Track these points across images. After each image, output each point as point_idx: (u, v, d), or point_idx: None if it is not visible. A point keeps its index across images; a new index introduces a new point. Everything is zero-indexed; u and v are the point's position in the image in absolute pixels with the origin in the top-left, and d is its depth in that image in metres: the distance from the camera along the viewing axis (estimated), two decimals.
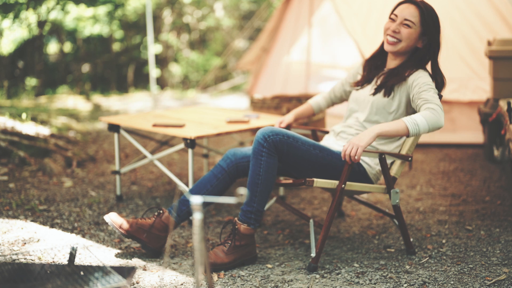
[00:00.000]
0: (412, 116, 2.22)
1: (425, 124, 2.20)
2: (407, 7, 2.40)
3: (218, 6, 11.94)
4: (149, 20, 6.92)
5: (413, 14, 2.37)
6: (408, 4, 2.40)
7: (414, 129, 2.20)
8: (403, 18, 2.38)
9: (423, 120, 2.20)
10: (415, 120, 2.20)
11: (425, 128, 2.21)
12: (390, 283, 2.19)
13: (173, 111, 3.57)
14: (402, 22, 2.38)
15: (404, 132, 2.21)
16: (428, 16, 2.37)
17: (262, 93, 6.53)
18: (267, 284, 2.19)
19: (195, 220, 1.39)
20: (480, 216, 3.02)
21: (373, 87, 2.50)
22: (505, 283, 2.18)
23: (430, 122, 2.21)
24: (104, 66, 11.24)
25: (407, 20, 2.37)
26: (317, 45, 6.56)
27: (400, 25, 2.39)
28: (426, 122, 2.20)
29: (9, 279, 1.69)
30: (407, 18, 2.37)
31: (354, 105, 2.55)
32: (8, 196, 3.33)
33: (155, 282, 2.18)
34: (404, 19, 2.38)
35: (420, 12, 2.37)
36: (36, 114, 5.72)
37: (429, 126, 2.21)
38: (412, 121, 2.20)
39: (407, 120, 2.21)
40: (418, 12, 2.37)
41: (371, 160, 2.46)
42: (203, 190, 2.46)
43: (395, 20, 2.41)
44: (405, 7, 2.40)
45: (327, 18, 6.53)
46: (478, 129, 4.58)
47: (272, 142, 2.29)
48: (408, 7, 2.39)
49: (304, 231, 2.83)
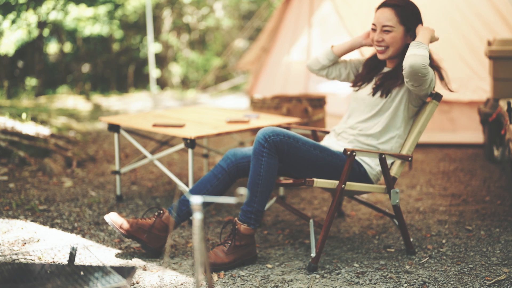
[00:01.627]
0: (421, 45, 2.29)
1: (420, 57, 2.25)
2: (381, 12, 2.40)
3: (218, 6, 11.94)
4: (149, 20, 6.92)
5: (388, 18, 2.38)
6: (382, 9, 2.41)
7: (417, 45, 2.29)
8: (381, 25, 2.40)
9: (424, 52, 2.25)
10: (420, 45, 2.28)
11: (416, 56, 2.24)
12: (390, 283, 2.20)
13: (173, 111, 3.57)
14: (381, 29, 2.40)
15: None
16: (404, 12, 2.38)
17: (262, 93, 6.53)
18: (267, 284, 2.19)
19: (195, 220, 1.39)
20: (480, 216, 3.02)
21: (371, 87, 2.50)
22: (505, 283, 2.18)
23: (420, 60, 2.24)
24: (104, 66, 11.24)
25: (385, 26, 2.39)
26: (317, 45, 6.55)
27: (381, 33, 2.40)
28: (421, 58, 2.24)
29: (9, 279, 1.69)
30: (385, 24, 2.39)
31: (355, 104, 2.56)
32: (8, 196, 3.33)
33: (155, 282, 2.18)
34: (382, 26, 2.39)
35: (396, 12, 2.37)
36: (36, 114, 5.72)
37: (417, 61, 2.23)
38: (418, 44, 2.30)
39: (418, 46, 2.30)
40: (393, 13, 2.38)
41: (372, 161, 2.46)
42: (203, 190, 2.46)
43: (376, 29, 2.43)
44: (380, 13, 2.41)
45: (327, 18, 6.53)
46: (478, 129, 4.58)
47: (272, 142, 2.29)
48: (382, 12, 2.40)
49: (304, 231, 2.83)
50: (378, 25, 2.41)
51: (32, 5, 8.10)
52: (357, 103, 2.54)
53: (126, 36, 11.37)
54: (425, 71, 2.24)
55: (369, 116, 2.47)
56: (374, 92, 2.46)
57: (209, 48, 12.29)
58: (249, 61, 7.39)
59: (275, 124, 2.99)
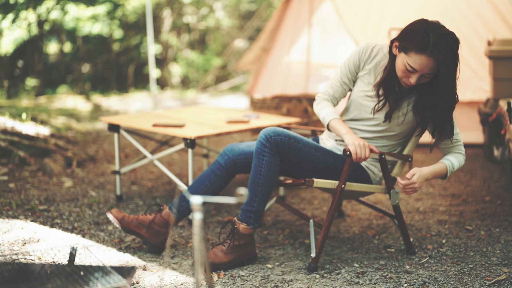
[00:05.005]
0: (452, 162, 2.37)
1: (456, 169, 2.40)
2: (426, 62, 2.14)
3: (218, 6, 11.94)
4: (149, 20, 6.92)
5: (432, 67, 2.16)
6: (427, 58, 2.14)
7: (449, 174, 2.38)
8: (422, 72, 2.17)
9: (457, 165, 2.39)
10: (452, 166, 2.37)
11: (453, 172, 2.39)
12: (390, 283, 2.19)
13: (173, 111, 3.57)
14: (421, 74, 2.19)
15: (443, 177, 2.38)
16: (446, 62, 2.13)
17: (262, 93, 6.53)
18: (267, 284, 2.19)
19: (195, 220, 1.39)
20: (480, 216, 3.02)
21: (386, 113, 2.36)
22: (505, 283, 2.18)
23: (460, 166, 2.40)
24: (104, 66, 11.24)
25: (427, 74, 2.19)
26: (317, 45, 6.55)
27: (419, 78, 2.20)
28: (458, 166, 2.39)
29: (9, 279, 1.69)
30: (427, 72, 2.17)
31: (357, 111, 2.44)
32: (8, 196, 3.33)
33: (155, 282, 2.18)
34: (423, 73, 2.18)
35: (439, 62, 2.13)
36: (36, 114, 5.72)
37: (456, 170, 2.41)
38: (451, 168, 2.36)
39: (448, 167, 2.36)
40: (437, 63, 2.15)
41: (375, 167, 2.46)
42: (202, 186, 2.47)
43: (413, 72, 2.18)
44: (424, 61, 2.14)
45: (327, 18, 6.53)
46: (478, 129, 4.58)
47: (274, 142, 2.29)
48: (427, 62, 2.14)
49: (304, 231, 2.83)
50: (419, 71, 2.17)
51: (32, 4, 8.10)
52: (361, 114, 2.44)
53: (126, 36, 11.37)
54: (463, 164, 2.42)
55: (372, 137, 2.44)
56: (386, 119, 2.36)
57: (209, 48, 12.30)
58: (249, 61, 7.39)
59: (275, 124, 2.99)
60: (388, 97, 2.31)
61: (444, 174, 2.35)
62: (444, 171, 2.35)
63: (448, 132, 2.29)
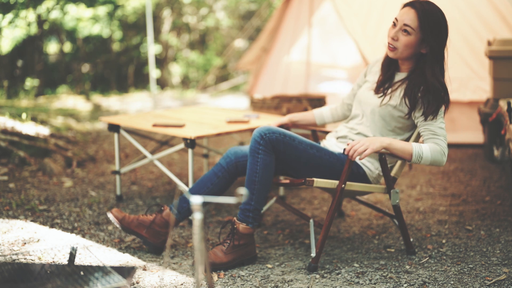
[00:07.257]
0: (421, 147, 2.24)
1: (428, 160, 2.24)
2: (407, 11, 2.28)
3: (218, 6, 11.94)
4: (149, 20, 6.92)
5: (412, 19, 2.26)
6: (409, 8, 2.28)
7: (416, 159, 2.24)
8: (402, 23, 2.28)
9: (429, 155, 2.24)
10: (421, 151, 2.23)
11: (426, 162, 2.25)
12: (390, 283, 2.19)
13: (173, 111, 3.57)
14: (401, 28, 2.28)
15: (407, 157, 2.25)
16: (427, 22, 2.25)
17: (262, 93, 6.53)
18: (267, 284, 2.19)
19: (195, 220, 1.39)
20: (480, 216, 3.02)
21: (382, 97, 2.41)
22: (505, 283, 2.18)
23: (434, 159, 2.24)
24: (104, 66, 11.24)
25: (406, 26, 2.27)
26: (317, 45, 6.56)
27: (399, 31, 2.29)
28: (430, 158, 2.24)
29: (9, 279, 1.69)
30: (406, 23, 2.26)
31: (358, 110, 2.50)
32: (8, 196, 3.33)
33: (155, 282, 2.18)
34: (403, 25, 2.27)
35: (419, 16, 2.26)
36: (36, 114, 5.72)
37: (431, 162, 2.25)
38: (418, 151, 2.23)
39: (414, 148, 2.23)
40: (416, 17, 2.26)
41: (372, 164, 2.45)
42: (204, 188, 2.47)
43: (396, 25, 2.29)
44: (406, 11, 2.28)
45: (327, 18, 6.53)
46: (478, 129, 4.58)
47: (268, 140, 2.29)
48: (408, 12, 2.27)
49: (304, 231, 2.83)
50: (400, 22, 2.28)
51: (32, 4, 8.10)
52: (361, 107, 2.49)
53: (126, 36, 11.37)
54: (443, 161, 2.26)
55: (374, 128, 2.43)
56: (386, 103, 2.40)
57: (209, 48, 12.30)
58: (249, 61, 7.39)
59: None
60: (386, 72, 2.42)
61: (408, 153, 2.23)
62: (408, 150, 2.23)
63: (430, 112, 2.26)
